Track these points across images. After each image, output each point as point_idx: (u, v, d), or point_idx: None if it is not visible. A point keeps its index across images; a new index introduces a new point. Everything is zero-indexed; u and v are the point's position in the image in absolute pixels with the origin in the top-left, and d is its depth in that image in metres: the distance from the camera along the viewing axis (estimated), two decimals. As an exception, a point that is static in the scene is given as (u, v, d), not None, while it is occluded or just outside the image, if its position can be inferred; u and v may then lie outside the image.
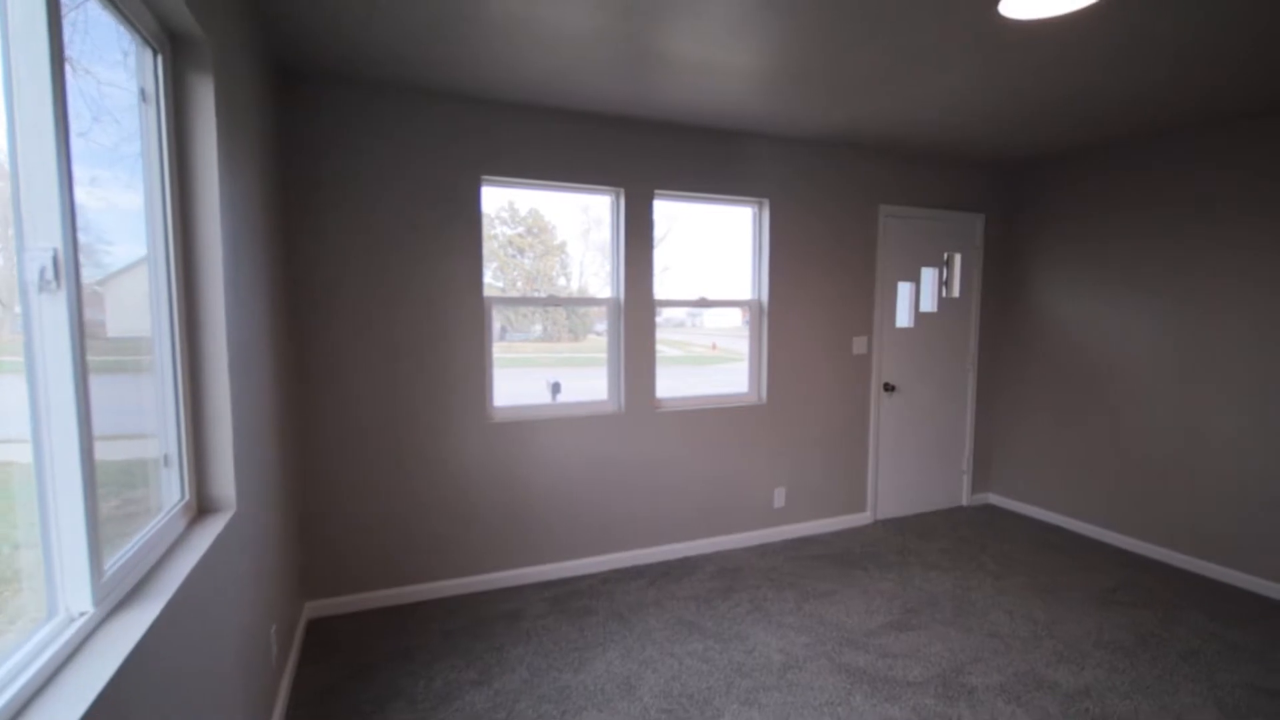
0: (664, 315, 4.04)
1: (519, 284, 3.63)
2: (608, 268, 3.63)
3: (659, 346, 3.77)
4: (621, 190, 3.49)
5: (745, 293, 3.98)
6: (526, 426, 3.38)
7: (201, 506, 1.73)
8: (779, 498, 4.06)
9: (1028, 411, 4.57)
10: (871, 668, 2.65)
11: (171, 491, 1.63)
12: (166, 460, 1.61)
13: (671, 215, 3.82)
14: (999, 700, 2.44)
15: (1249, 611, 3.17)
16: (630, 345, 3.59)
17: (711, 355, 4.16)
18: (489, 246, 3.42)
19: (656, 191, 3.57)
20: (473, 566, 3.32)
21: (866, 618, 3.07)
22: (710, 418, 3.82)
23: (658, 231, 3.74)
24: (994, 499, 4.83)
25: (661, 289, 3.78)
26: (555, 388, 3.73)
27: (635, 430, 3.63)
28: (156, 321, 1.56)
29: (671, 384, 3.87)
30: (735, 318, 4.03)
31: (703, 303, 3.93)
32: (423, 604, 3.19)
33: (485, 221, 3.25)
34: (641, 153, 3.50)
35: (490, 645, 2.81)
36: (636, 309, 3.58)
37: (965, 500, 4.78)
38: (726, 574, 3.56)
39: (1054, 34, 2.34)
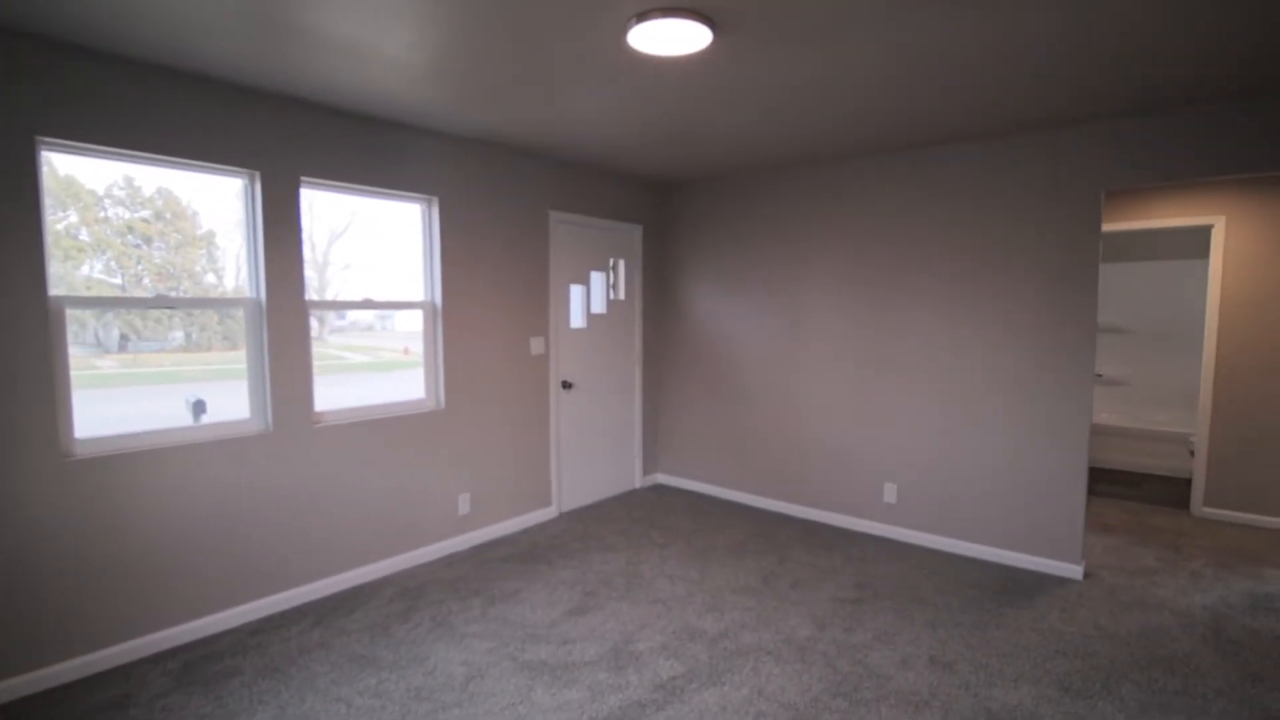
0: (349, 318, 3.65)
1: (146, 280, 2.86)
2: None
3: (342, 353, 3.38)
4: (257, 173, 2.99)
5: (419, 294, 3.77)
6: (134, 460, 2.67)
7: None
8: (464, 504, 3.95)
9: (682, 399, 5.25)
10: (552, 658, 2.73)
11: None
12: None
13: (354, 210, 3.44)
14: (660, 658, 2.72)
15: (831, 541, 4.11)
16: (277, 353, 3.10)
17: (404, 360, 3.85)
18: (99, 232, 2.64)
19: (304, 179, 3.15)
20: (54, 653, 2.51)
21: (549, 610, 3.16)
22: (382, 428, 3.52)
23: (337, 225, 3.34)
24: (662, 478, 5.45)
25: (345, 288, 3.40)
26: (198, 406, 3.04)
27: (289, 450, 3.16)
28: None
29: (355, 392, 3.53)
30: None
31: (367, 304, 3.60)
32: (-40, 723, 2.30)
33: (94, 200, 2.49)
34: (284, 133, 3.05)
35: (76, 752, 2.15)
36: (283, 311, 3.11)
37: (638, 483, 5.28)
38: (408, 594, 3.33)
39: (677, 71, 2.68)
